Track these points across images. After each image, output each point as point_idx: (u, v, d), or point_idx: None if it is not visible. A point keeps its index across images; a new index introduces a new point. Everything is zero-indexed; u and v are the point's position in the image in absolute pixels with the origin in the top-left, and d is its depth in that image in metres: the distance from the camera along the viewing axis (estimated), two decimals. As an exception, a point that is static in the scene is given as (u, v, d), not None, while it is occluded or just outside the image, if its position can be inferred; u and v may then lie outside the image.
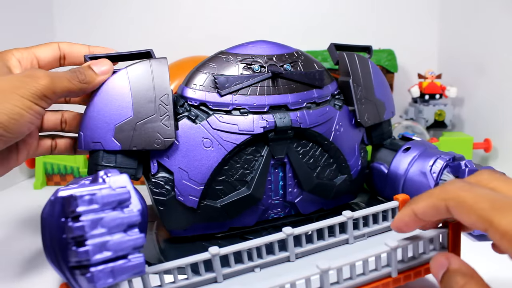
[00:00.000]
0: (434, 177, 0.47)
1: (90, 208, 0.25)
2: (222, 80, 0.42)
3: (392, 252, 0.29)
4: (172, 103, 0.40)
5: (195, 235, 0.44)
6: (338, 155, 0.47)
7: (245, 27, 0.89)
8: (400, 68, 0.86)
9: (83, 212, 0.25)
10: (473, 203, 0.24)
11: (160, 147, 0.39)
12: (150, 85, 0.40)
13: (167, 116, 0.40)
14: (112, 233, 0.25)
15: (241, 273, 0.33)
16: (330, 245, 0.36)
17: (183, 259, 0.31)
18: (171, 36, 0.88)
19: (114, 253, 0.25)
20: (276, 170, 0.45)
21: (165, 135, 0.39)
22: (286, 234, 0.33)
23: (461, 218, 0.25)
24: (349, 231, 0.36)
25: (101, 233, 0.25)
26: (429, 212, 0.27)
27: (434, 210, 0.26)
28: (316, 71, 0.46)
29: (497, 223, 0.22)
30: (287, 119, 0.43)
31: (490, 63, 0.76)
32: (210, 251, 0.31)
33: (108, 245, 0.25)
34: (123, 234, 0.26)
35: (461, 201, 0.24)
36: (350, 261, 0.29)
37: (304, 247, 0.35)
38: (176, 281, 0.31)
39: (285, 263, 0.34)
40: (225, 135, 0.41)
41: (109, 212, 0.25)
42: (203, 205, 0.41)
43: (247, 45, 0.45)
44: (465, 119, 0.84)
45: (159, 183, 0.40)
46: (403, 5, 0.91)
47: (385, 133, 0.54)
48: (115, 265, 0.25)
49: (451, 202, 0.25)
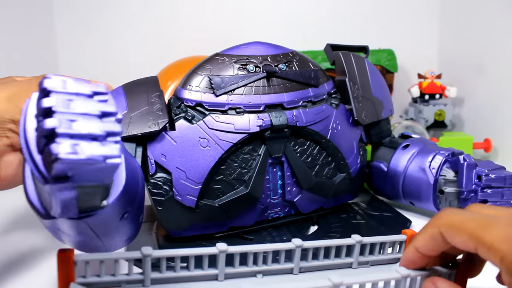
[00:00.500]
0: (433, 172, 0.47)
1: (60, 90, 0.22)
2: (217, 81, 0.42)
3: (402, 280, 0.30)
4: (163, 98, 0.41)
5: (194, 235, 0.44)
6: (336, 153, 0.47)
7: (245, 28, 0.89)
8: (400, 68, 0.86)
9: (52, 90, 0.22)
10: (462, 224, 0.26)
11: (154, 128, 0.40)
12: (142, 89, 0.42)
13: (160, 107, 0.41)
14: (83, 115, 0.22)
15: (243, 276, 0.33)
16: (333, 266, 0.35)
17: (188, 250, 0.31)
18: (171, 36, 0.89)
19: (83, 130, 0.21)
20: (274, 169, 0.45)
21: (158, 118, 0.40)
22: (295, 245, 0.33)
23: (454, 241, 0.27)
24: (355, 255, 0.35)
25: (71, 112, 0.21)
26: (428, 244, 0.29)
27: (432, 240, 0.28)
28: (311, 70, 0.46)
29: (483, 238, 0.25)
30: (283, 118, 0.43)
31: (490, 63, 0.76)
32: (218, 247, 0.31)
33: (77, 123, 0.21)
34: (97, 119, 0.22)
35: (451, 224, 0.27)
36: (361, 280, 0.28)
37: (310, 262, 0.34)
38: (177, 270, 0.31)
39: (288, 275, 0.34)
40: (221, 135, 0.41)
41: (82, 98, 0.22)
42: (202, 204, 0.42)
43: (242, 47, 0.45)
44: (465, 119, 0.84)
45: (157, 183, 0.41)
46: (403, 5, 0.91)
47: (384, 132, 0.54)
48: (83, 142, 0.21)
49: (443, 227, 0.27)
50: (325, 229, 0.47)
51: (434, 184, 0.47)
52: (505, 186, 0.45)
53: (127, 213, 0.30)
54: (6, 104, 0.36)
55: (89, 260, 0.28)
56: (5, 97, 0.36)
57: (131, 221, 0.32)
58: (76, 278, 0.28)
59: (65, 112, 0.21)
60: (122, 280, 0.29)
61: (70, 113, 0.21)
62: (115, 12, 0.89)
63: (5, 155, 0.37)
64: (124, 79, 0.45)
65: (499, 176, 0.45)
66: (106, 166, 0.21)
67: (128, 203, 0.30)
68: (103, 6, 0.89)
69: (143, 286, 0.30)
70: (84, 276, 0.28)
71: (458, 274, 0.31)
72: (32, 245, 0.47)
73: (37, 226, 0.50)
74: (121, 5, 0.89)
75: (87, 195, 0.23)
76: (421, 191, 0.49)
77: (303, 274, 0.34)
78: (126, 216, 0.30)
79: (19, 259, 0.44)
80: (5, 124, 0.36)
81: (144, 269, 0.30)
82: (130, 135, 0.40)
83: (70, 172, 0.21)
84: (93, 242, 0.30)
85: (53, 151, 0.20)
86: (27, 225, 0.51)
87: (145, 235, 0.45)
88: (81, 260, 0.28)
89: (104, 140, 0.21)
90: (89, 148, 0.21)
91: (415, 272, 0.30)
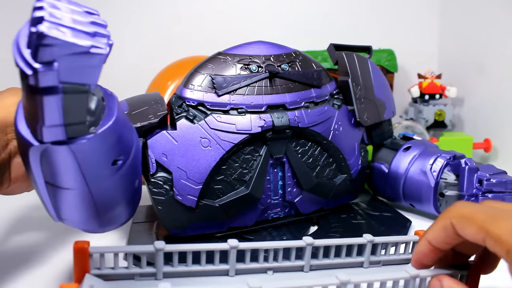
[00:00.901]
0: (434, 175, 0.47)
1: (53, 2, 0.22)
2: (219, 80, 0.42)
3: (411, 280, 0.29)
4: (163, 100, 0.42)
5: (194, 235, 0.44)
6: (337, 154, 0.47)
7: (246, 27, 0.89)
8: (400, 68, 0.86)
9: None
10: (472, 216, 0.27)
11: (153, 119, 0.40)
12: (143, 96, 0.43)
13: (160, 105, 0.41)
14: (73, 18, 0.22)
15: (253, 272, 0.33)
16: (344, 264, 0.35)
17: (200, 245, 0.31)
18: (171, 36, 0.88)
19: (71, 23, 0.22)
20: (275, 169, 0.45)
21: (157, 111, 0.41)
22: (306, 243, 0.33)
23: (464, 232, 0.27)
24: (366, 254, 0.35)
25: (61, 12, 0.22)
26: (440, 235, 0.29)
27: (443, 231, 0.29)
28: (314, 70, 0.46)
29: (492, 230, 0.25)
30: (284, 119, 0.43)
31: (490, 63, 0.76)
32: (229, 243, 0.31)
33: (66, 17, 0.22)
34: (87, 23, 0.22)
35: (462, 216, 0.27)
36: (369, 279, 0.28)
37: (320, 260, 0.34)
38: (188, 264, 0.31)
39: (298, 272, 0.34)
40: (223, 135, 0.41)
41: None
42: (202, 204, 0.41)
43: (244, 46, 0.45)
44: (465, 119, 0.84)
45: (158, 183, 0.40)
46: (403, 5, 0.91)
47: (386, 133, 0.54)
48: (70, 30, 0.21)
49: (454, 219, 0.28)
50: (325, 229, 0.47)
51: (434, 187, 0.47)
52: (506, 191, 0.45)
53: (121, 162, 0.29)
54: (16, 108, 0.37)
55: (103, 252, 0.29)
56: (15, 101, 0.36)
57: (125, 179, 0.31)
58: (91, 269, 0.29)
59: (56, 11, 0.21)
60: (136, 273, 0.30)
61: (60, 13, 0.22)
62: (115, 12, 0.88)
63: (16, 157, 0.38)
64: (124, 79, 0.45)
65: (500, 181, 0.45)
66: (91, 59, 0.22)
67: (121, 149, 0.29)
68: (103, 6, 0.88)
69: (155, 279, 0.31)
70: (99, 268, 0.30)
71: (470, 276, 0.31)
72: (46, 238, 0.48)
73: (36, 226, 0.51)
74: (121, 6, 0.88)
75: (73, 104, 0.23)
76: (421, 194, 0.48)
77: (314, 272, 0.34)
78: (120, 165, 0.29)
79: (34, 251, 0.45)
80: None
81: (156, 262, 0.30)
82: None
83: (56, 55, 0.21)
84: (89, 209, 0.30)
85: (40, 29, 0.20)
86: (41, 222, 0.52)
87: (145, 235, 0.45)
88: (96, 252, 0.29)
89: (92, 37, 0.22)
90: (75, 35, 0.21)
91: (424, 272, 0.30)
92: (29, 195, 0.42)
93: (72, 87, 0.23)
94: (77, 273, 0.29)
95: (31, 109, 0.24)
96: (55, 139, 0.24)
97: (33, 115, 0.24)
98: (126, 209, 0.34)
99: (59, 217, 0.31)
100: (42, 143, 0.24)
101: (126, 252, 0.30)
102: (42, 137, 0.24)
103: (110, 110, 0.27)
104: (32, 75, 0.21)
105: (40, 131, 0.23)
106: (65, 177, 0.27)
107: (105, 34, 0.23)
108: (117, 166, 0.29)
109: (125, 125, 0.30)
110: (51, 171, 0.27)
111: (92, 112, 0.25)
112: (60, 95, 0.22)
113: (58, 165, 0.26)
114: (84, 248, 0.28)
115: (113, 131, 0.27)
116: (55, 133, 0.24)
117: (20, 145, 0.26)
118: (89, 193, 0.28)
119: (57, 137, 0.24)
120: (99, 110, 0.26)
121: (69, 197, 0.28)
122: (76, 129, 0.24)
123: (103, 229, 0.34)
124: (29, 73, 0.21)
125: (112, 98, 0.29)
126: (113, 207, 0.32)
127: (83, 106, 0.24)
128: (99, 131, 0.26)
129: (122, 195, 0.32)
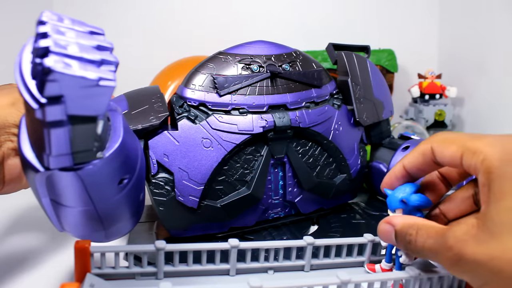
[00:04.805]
0: (433, 175, 0.47)
1: (56, 23, 0.22)
2: (221, 80, 0.42)
3: (411, 279, 0.30)
4: (164, 99, 0.41)
5: (195, 235, 0.44)
6: (337, 154, 0.47)
7: (246, 27, 0.89)
8: (400, 68, 0.86)
9: (48, 21, 0.22)
10: (454, 138, 0.27)
11: (154, 121, 0.39)
12: (143, 93, 0.42)
13: (160, 104, 0.41)
14: (79, 43, 0.22)
15: (254, 272, 0.33)
16: (345, 264, 0.35)
17: (201, 244, 0.31)
18: (171, 36, 0.89)
19: (77, 53, 0.21)
20: (276, 169, 0.45)
21: (158, 112, 0.40)
22: (306, 242, 0.33)
23: (442, 155, 0.28)
24: (367, 254, 0.35)
25: (66, 38, 0.21)
26: (417, 159, 0.29)
27: (421, 156, 0.29)
28: (315, 70, 0.46)
29: (471, 145, 0.26)
30: (286, 119, 0.43)
31: (490, 63, 0.76)
32: (230, 243, 0.31)
33: (72, 46, 0.21)
34: (92, 48, 0.22)
35: (444, 139, 0.28)
36: (370, 278, 0.29)
37: (321, 260, 0.34)
38: (189, 264, 0.31)
39: (299, 272, 0.34)
40: (224, 135, 0.41)
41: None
42: (203, 205, 0.41)
43: (245, 45, 0.45)
44: (465, 119, 0.84)
45: (159, 183, 0.40)
46: (403, 5, 0.91)
47: (384, 132, 0.54)
48: (77, 62, 0.21)
49: (435, 143, 0.28)
50: (325, 229, 0.47)
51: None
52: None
53: (127, 180, 0.29)
54: (10, 109, 0.36)
55: (104, 252, 0.30)
56: (9, 102, 0.36)
57: (130, 195, 0.31)
58: (92, 269, 0.29)
59: (60, 38, 0.21)
60: (137, 272, 0.30)
61: (65, 40, 0.21)
62: (115, 12, 0.88)
63: (10, 159, 0.37)
64: (123, 79, 0.45)
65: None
66: (99, 91, 0.21)
67: (127, 168, 0.29)
68: (103, 5, 0.88)
69: (156, 279, 0.31)
70: (100, 267, 0.30)
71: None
72: (47, 238, 0.48)
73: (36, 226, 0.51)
74: (121, 5, 0.88)
75: (80, 134, 0.23)
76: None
77: (314, 271, 0.34)
78: (125, 184, 0.29)
79: (35, 250, 0.45)
80: (9, 129, 0.36)
81: (157, 262, 0.30)
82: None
83: (63, 90, 0.20)
84: (94, 224, 0.29)
85: (46, 64, 0.19)
86: (41, 222, 0.51)
87: (146, 235, 0.45)
88: (97, 251, 0.29)
89: (99, 66, 0.22)
90: (83, 67, 0.21)
91: (425, 272, 0.30)
92: (29, 195, 0.42)
93: (79, 119, 0.22)
94: (78, 273, 0.29)
95: (36, 138, 0.23)
96: (62, 166, 0.24)
97: (39, 144, 0.23)
98: (131, 221, 0.34)
99: (63, 229, 0.31)
100: (48, 169, 0.24)
101: (127, 251, 0.30)
102: (48, 165, 0.23)
103: (115, 131, 0.27)
104: (38, 109, 0.21)
105: (47, 160, 0.23)
106: (71, 198, 0.27)
107: (112, 60, 0.22)
108: (123, 185, 0.29)
109: (130, 143, 0.30)
110: (57, 193, 0.26)
111: (99, 137, 0.25)
112: (67, 127, 0.22)
113: (64, 188, 0.26)
114: (85, 247, 0.29)
115: (119, 153, 0.27)
116: (62, 161, 0.23)
117: (24, 167, 0.26)
118: (95, 211, 0.28)
119: (64, 164, 0.24)
120: (106, 133, 0.26)
121: (74, 214, 0.28)
122: (84, 156, 0.24)
123: (107, 240, 0.33)
124: (35, 107, 0.21)
125: (117, 115, 0.28)
126: (118, 221, 0.32)
127: (91, 134, 0.24)
128: (106, 155, 0.25)
129: (127, 210, 0.32)
